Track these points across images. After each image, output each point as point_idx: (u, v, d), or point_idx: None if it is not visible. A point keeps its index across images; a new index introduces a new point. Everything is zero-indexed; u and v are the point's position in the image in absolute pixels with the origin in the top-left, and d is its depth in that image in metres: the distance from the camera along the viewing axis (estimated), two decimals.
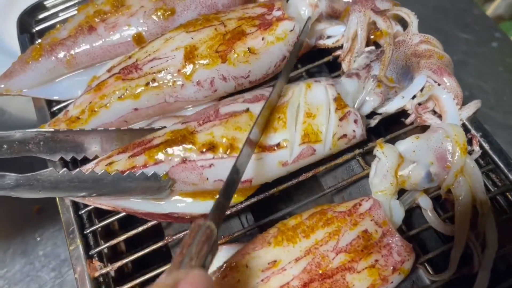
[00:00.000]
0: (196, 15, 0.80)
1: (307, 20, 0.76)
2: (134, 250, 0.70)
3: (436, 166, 0.63)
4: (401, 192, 0.65)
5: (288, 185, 0.69)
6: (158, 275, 0.64)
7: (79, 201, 0.70)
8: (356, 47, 0.76)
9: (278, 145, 0.64)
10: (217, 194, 0.69)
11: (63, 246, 0.93)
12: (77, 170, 0.61)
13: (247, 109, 0.67)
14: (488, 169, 0.69)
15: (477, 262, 0.61)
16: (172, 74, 0.71)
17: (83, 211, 0.70)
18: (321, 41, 0.81)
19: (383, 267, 0.57)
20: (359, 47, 0.75)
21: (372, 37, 0.78)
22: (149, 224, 0.68)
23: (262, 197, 0.68)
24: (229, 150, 0.63)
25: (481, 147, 0.69)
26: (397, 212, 0.63)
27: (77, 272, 0.65)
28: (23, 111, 1.14)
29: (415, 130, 0.73)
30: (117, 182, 0.61)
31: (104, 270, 0.65)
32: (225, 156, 0.63)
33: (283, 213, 0.68)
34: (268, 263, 0.57)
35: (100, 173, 0.61)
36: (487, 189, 0.66)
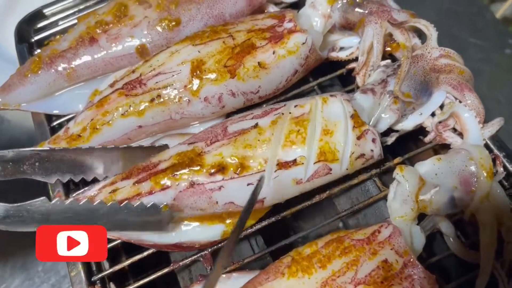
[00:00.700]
0: (202, 26, 0.77)
1: None
2: (138, 273, 0.67)
3: (460, 190, 0.59)
4: (421, 215, 0.62)
5: (301, 207, 0.65)
6: None
7: None
8: (372, 61, 0.72)
9: (294, 162, 0.61)
10: (225, 216, 0.67)
11: None
12: (71, 199, 0.57)
13: (255, 125, 0.64)
14: None
15: None
16: (178, 90, 0.68)
17: None
18: (333, 53, 0.77)
19: None
20: (375, 61, 0.72)
21: (388, 49, 0.74)
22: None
23: (273, 220, 0.65)
24: (239, 170, 0.61)
25: (505, 168, 0.65)
26: (418, 239, 0.59)
27: None
28: (22, 117, 1.10)
29: (433, 149, 0.70)
30: (113, 214, 0.57)
31: None
32: (236, 176, 0.60)
33: (296, 238, 0.64)
34: None
35: (95, 204, 0.57)
36: None
